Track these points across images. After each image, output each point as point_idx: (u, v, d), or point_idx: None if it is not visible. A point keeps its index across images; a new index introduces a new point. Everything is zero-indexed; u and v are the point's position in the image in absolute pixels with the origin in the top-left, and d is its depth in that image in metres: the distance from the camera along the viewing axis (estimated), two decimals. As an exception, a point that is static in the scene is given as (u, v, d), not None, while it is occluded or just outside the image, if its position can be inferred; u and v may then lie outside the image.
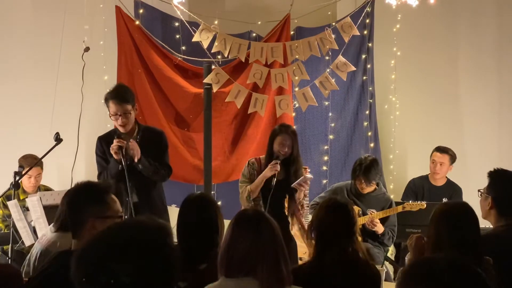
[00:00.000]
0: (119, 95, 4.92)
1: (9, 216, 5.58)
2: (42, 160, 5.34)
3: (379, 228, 5.65)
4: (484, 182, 3.82)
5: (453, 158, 6.39)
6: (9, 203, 4.96)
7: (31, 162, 5.46)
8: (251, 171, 5.33)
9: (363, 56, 7.05)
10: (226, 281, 2.82)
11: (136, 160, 4.80)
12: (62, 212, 4.04)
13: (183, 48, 6.59)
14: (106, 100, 4.95)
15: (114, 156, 4.76)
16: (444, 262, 1.64)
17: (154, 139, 5.04)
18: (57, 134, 4.98)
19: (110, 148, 4.79)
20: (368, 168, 5.60)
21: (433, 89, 7.25)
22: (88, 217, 2.86)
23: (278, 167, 5.12)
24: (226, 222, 3.85)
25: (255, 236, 2.78)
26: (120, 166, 4.75)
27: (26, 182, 5.73)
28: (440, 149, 6.42)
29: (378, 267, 3.80)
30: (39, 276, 2.97)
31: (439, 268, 1.62)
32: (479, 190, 3.82)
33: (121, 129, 4.91)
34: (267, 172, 5.14)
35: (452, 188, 6.45)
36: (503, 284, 3.13)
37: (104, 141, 5.04)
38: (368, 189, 5.72)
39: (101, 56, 6.57)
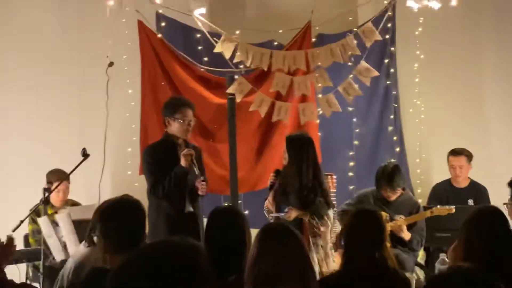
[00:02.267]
0: (189, 102, 5.35)
1: (39, 231, 5.64)
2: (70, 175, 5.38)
3: (406, 235, 5.59)
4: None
5: (469, 157, 6.35)
6: (39, 220, 5.02)
7: (59, 176, 5.52)
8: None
9: (386, 61, 7.02)
10: None
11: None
12: (92, 227, 4.09)
13: (205, 59, 6.62)
14: (180, 105, 5.24)
15: (184, 163, 5.01)
16: (461, 276, 1.63)
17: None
18: (84, 149, 5.04)
19: (183, 156, 5.04)
20: (392, 176, 5.57)
21: (458, 91, 7.20)
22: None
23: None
24: (253, 231, 3.87)
25: (281, 250, 2.82)
26: (194, 171, 5.05)
27: (54, 196, 5.77)
28: (455, 152, 6.38)
29: (408, 274, 3.80)
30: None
31: (454, 282, 1.61)
32: (504, 204, 3.78)
33: (187, 135, 5.24)
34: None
35: (476, 189, 6.40)
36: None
37: (156, 149, 5.24)
38: (394, 196, 5.68)
39: (124, 70, 6.62)
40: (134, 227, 3.02)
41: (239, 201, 6.30)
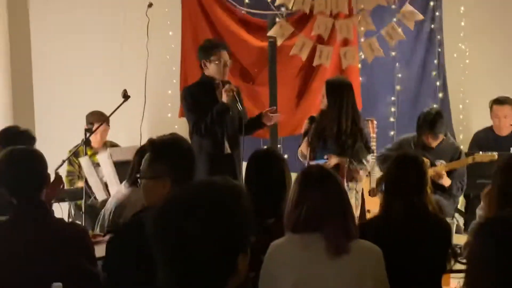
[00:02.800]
0: (223, 43, 5.43)
1: (73, 173, 5.74)
2: (110, 117, 5.42)
3: (446, 181, 5.53)
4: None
5: None
6: (80, 159, 5.09)
7: (99, 118, 5.57)
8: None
9: (431, 4, 6.85)
10: (292, 237, 2.84)
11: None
12: (134, 167, 4.14)
13: (247, 1, 6.55)
14: (215, 47, 5.27)
15: (226, 99, 5.04)
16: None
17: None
18: (125, 91, 5.06)
19: (224, 91, 5.06)
20: (434, 122, 5.48)
21: (504, 36, 7.00)
22: None
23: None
24: (292, 175, 3.87)
25: (323, 194, 2.82)
26: (237, 106, 5.11)
27: (93, 138, 5.82)
28: (499, 101, 6.20)
29: (448, 219, 3.77)
30: (119, 231, 3.04)
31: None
32: None
33: (225, 77, 5.23)
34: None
35: (519, 137, 6.27)
36: None
37: (194, 90, 5.28)
38: (435, 142, 5.61)
39: (165, 11, 6.59)
40: (190, 163, 2.98)
41: (279, 145, 6.30)
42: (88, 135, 5.07)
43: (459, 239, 4.01)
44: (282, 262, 2.83)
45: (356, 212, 4.97)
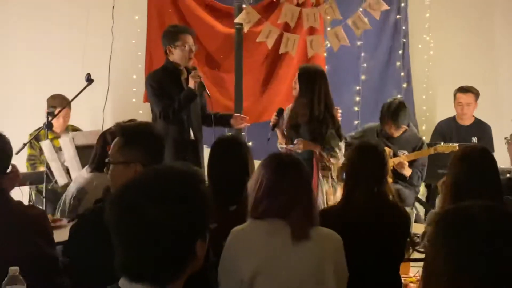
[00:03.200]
0: (188, 28, 5.35)
1: (35, 156, 5.66)
2: (73, 100, 5.36)
3: (407, 171, 5.60)
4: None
5: (477, 95, 6.32)
6: (42, 143, 5.03)
7: (60, 101, 5.48)
8: None
9: (397, -6, 6.91)
10: (256, 222, 2.86)
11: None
12: (97, 152, 4.10)
13: (214, -13, 6.52)
14: (179, 32, 5.21)
15: (193, 85, 5.02)
16: (480, 208, 1.62)
17: None
18: (88, 74, 5.00)
19: (191, 78, 5.04)
20: (396, 112, 5.54)
21: (468, 28, 7.09)
22: None
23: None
24: (256, 163, 3.87)
25: (293, 182, 2.84)
26: (202, 96, 5.13)
27: (55, 121, 5.74)
28: (463, 89, 6.32)
29: (408, 209, 3.82)
30: (83, 216, 3.00)
31: (476, 215, 1.59)
32: (505, 138, 3.79)
33: (189, 63, 5.17)
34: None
35: (480, 127, 6.38)
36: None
37: (159, 75, 5.21)
38: (397, 133, 5.67)
39: (131, -5, 6.53)
40: (160, 148, 2.96)
41: (243, 133, 6.29)
42: (50, 118, 5.00)
43: (418, 228, 4.07)
44: (244, 248, 2.85)
45: (334, 199, 4.98)
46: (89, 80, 4.99)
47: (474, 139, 6.26)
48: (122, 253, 1.64)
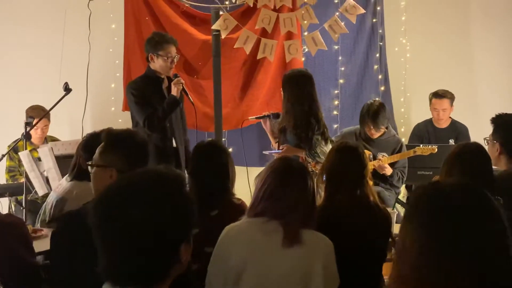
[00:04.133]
0: (172, 38, 5.25)
1: (14, 167, 5.62)
2: (52, 111, 5.33)
3: (388, 172, 5.64)
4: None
5: (452, 99, 6.36)
6: (20, 154, 4.99)
7: (39, 112, 5.46)
8: None
9: (373, -2, 6.96)
10: (251, 220, 2.93)
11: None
12: (77, 161, 4.08)
13: (190, -6, 6.53)
14: (164, 42, 5.15)
15: (176, 92, 5.01)
16: (454, 184, 1.68)
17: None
18: (66, 84, 4.97)
19: (173, 85, 5.04)
20: (376, 113, 5.57)
21: (444, 30, 7.15)
22: None
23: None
24: (237, 168, 3.87)
25: (302, 187, 2.92)
26: (182, 104, 5.09)
27: (33, 133, 5.73)
28: (438, 95, 6.36)
29: (389, 209, 3.83)
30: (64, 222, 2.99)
31: (448, 189, 1.65)
32: (485, 139, 3.81)
33: (170, 72, 5.15)
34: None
35: (457, 128, 6.43)
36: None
37: (139, 84, 5.18)
38: (377, 134, 5.70)
39: (108, 4, 6.51)
40: (140, 156, 2.96)
41: (223, 138, 6.29)
42: (28, 129, 4.97)
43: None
44: (236, 242, 2.89)
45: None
46: (67, 90, 4.96)
47: (452, 141, 6.32)
48: (105, 257, 1.63)
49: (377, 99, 6.16)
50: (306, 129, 5.08)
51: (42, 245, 3.42)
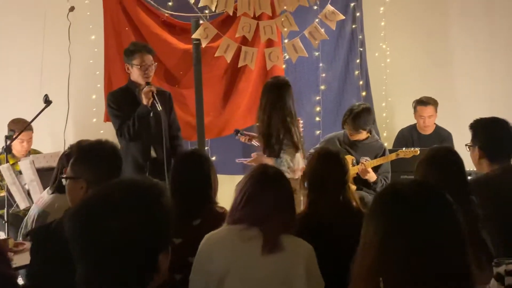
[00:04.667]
0: (146, 46, 5.26)
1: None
2: (33, 123, 5.30)
3: (371, 177, 5.65)
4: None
5: (436, 105, 6.40)
6: (1, 167, 4.96)
7: (22, 126, 5.43)
8: None
9: (352, 4, 6.99)
10: (232, 227, 2.93)
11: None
12: (58, 174, 4.06)
13: (170, 4, 6.52)
14: (137, 50, 5.15)
15: (146, 101, 4.99)
16: (410, 184, 1.75)
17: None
18: (46, 96, 4.95)
19: (143, 93, 5.00)
20: (358, 115, 5.58)
21: (423, 34, 7.20)
22: None
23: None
24: (220, 177, 3.86)
25: (277, 193, 2.93)
26: (152, 112, 5.02)
27: (18, 146, 5.71)
28: (423, 102, 6.38)
29: (372, 214, 3.82)
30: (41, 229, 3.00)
31: (404, 188, 1.72)
32: (466, 145, 3.83)
33: (146, 81, 5.11)
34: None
35: (441, 135, 6.46)
36: (492, 225, 3.17)
37: (117, 95, 5.20)
38: (357, 136, 5.70)
39: (87, 15, 6.48)
40: (108, 166, 2.97)
41: (206, 147, 6.29)
42: (8, 142, 4.93)
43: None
44: (216, 249, 2.90)
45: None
46: (47, 102, 4.94)
47: (436, 147, 6.35)
48: (83, 267, 1.62)
49: (363, 103, 6.15)
50: (275, 137, 5.10)
51: (24, 258, 3.39)
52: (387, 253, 1.64)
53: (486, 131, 3.73)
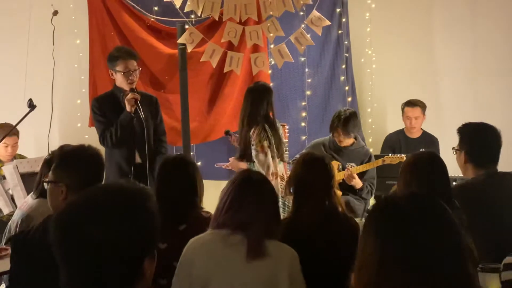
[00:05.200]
0: (129, 52, 5.22)
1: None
2: (17, 128, 5.26)
3: (357, 183, 5.64)
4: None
5: (424, 108, 6.44)
6: (-16, 173, 4.92)
7: (6, 130, 5.38)
8: None
9: (338, 10, 7.01)
10: (216, 232, 2.92)
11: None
12: (41, 178, 4.02)
13: (156, 8, 6.50)
14: (115, 58, 5.11)
15: (129, 108, 4.93)
16: (406, 194, 1.75)
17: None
18: (30, 100, 4.90)
19: (126, 100, 4.95)
20: (347, 120, 5.59)
21: (409, 41, 7.22)
22: None
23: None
24: (206, 182, 3.85)
25: (260, 198, 2.94)
26: (135, 119, 4.97)
27: (3, 151, 5.66)
28: (411, 103, 6.44)
29: (358, 219, 3.84)
30: (20, 235, 2.99)
31: (400, 199, 1.70)
32: (453, 148, 3.84)
33: (130, 86, 5.06)
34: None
35: (428, 139, 6.49)
36: (476, 230, 3.18)
37: (101, 101, 5.17)
38: (346, 141, 5.71)
39: (71, 19, 6.45)
40: (88, 171, 2.95)
41: (192, 152, 6.27)
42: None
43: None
44: (200, 254, 2.89)
45: None
46: (31, 106, 4.89)
47: (423, 151, 6.37)
48: (66, 273, 1.60)
49: (349, 108, 6.17)
50: (249, 143, 5.20)
51: (7, 264, 3.35)
52: (386, 271, 1.60)
53: (473, 136, 3.73)
